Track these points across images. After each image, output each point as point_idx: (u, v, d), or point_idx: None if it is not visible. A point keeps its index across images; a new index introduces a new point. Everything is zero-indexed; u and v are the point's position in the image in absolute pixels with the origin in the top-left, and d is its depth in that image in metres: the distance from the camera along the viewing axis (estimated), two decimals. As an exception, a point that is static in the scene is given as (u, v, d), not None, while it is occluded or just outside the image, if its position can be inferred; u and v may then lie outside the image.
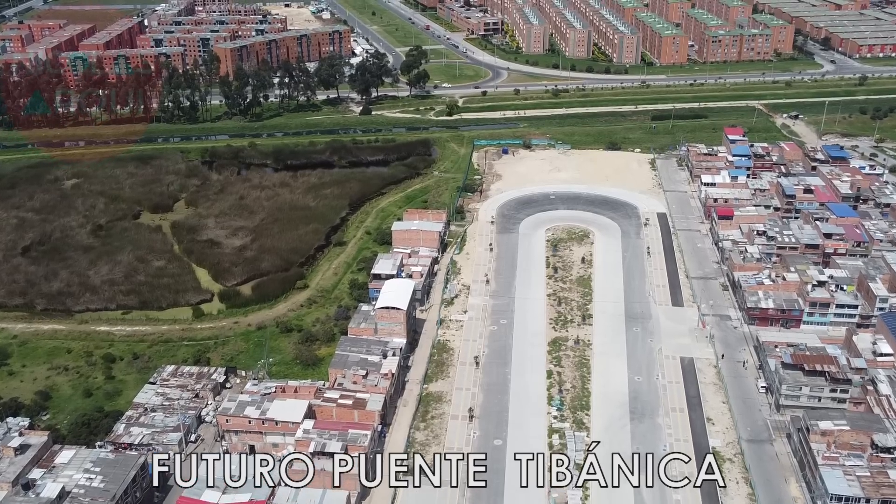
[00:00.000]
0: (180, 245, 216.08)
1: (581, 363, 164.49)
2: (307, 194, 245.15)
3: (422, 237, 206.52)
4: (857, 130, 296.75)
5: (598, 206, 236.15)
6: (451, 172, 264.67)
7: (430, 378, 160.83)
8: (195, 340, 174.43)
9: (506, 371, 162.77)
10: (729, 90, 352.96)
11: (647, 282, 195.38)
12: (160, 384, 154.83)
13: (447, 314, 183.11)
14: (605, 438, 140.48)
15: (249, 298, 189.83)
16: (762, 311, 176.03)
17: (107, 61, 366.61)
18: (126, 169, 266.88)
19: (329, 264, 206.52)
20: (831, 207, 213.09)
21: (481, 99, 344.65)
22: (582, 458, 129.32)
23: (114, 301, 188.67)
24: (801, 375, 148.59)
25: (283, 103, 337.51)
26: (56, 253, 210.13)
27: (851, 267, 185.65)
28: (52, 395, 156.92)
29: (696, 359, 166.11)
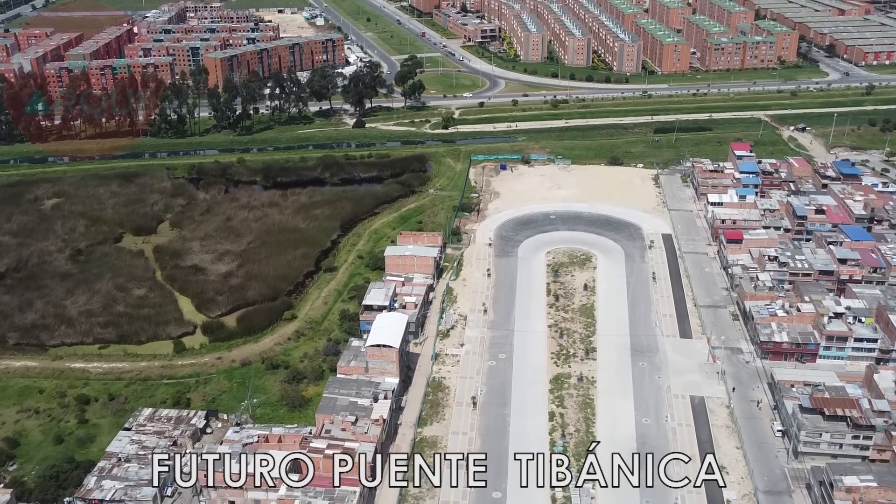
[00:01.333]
0: (163, 271, 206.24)
1: (585, 403, 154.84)
2: (297, 215, 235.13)
3: (416, 263, 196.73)
4: (867, 143, 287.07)
5: (601, 227, 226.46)
6: (447, 190, 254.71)
7: (425, 421, 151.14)
8: (175, 378, 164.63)
9: (505, 412, 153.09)
10: (733, 100, 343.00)
11: (653, 311, 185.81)
12: (136, 430, 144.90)
13: (443, 348, 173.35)
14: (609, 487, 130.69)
15: (234, 331, 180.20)
16: (776, 345, 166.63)
17: (93, 72, 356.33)
18: (109, 187, 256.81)
19: (319, 292, 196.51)
20: (845, 230, 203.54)
21: (478, 110, 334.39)
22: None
23: (91, 334, 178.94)
24: (821, 420, 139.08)
25: (275, 115, 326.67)
26: (32, 281, 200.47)
27: (869, 296, 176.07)
28: (20, 442, 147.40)
29: (707, 397, 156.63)
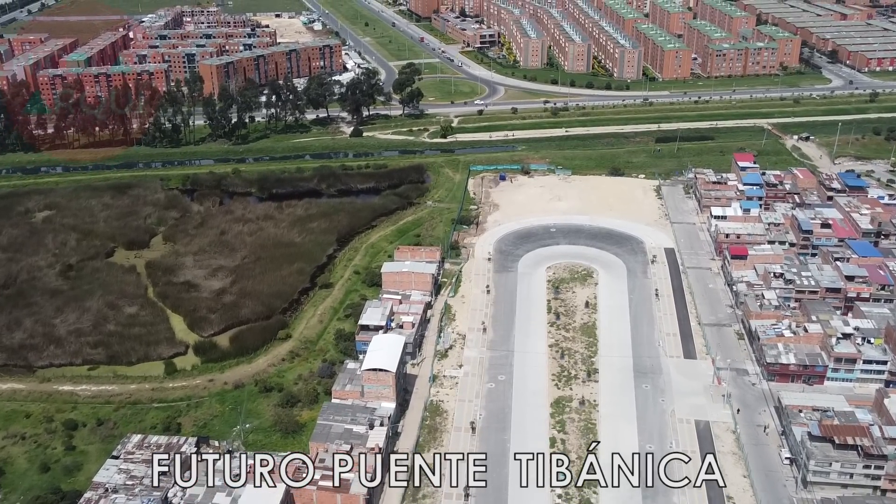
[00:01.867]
0: (155, 288, 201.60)
1: (587, 428, 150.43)
2: (293, 228, 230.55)
3: (414, 280, 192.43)
4: (872, 153, 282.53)
5: (602, 241, 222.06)
6: (446, 202, 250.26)
7: (422, 447, 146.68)
8: (166, 402, 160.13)
9: (504, 438, 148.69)
10: (735, 108, 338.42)
11: (656, 329, 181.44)
12: (124, 458, 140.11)
13: (441, 369, 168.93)
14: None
15: (227, 351, 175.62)
16: (783, 367, 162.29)
17: (87, 79, 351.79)
18: (102, 199, 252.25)
19: (314, 310, 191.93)
20: (852, 245, 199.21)
21: (477, 118, 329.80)
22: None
23: (80, 355, 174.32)
24: (831, 449, 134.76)
25: (271, 124, 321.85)
26: (21, 298, 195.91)
27: (878, 316, 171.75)
28: (5, 471, 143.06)
29: (713, 422, 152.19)
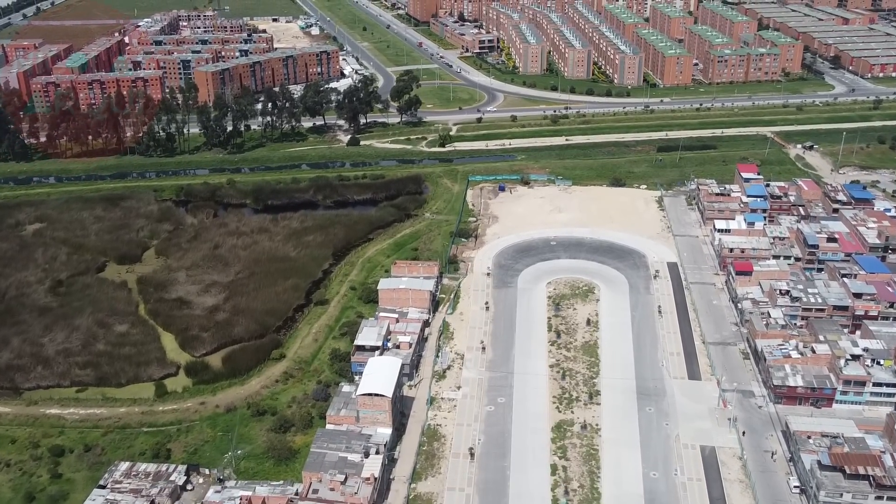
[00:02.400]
0: (146, 304, 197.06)
1: (589, 454, 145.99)
2: (288, 242, 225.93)
3: (411, 297, 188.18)
4: (877, 162, 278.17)
5: (603, 255, 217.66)
6: (444, 214, 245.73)
7: (419, 475, 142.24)
8: (155, 426, 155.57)
9: (504, 465, 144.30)
10: (738, 115, 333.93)
11: (659, 348, 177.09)
12: (111, 487, 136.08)
13: (439, 391, 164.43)
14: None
15: (219, 372, 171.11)
16: (790, 389, 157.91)
17: (80, 86, 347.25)
18: (94, 211, 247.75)
19: (309, 328, 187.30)
20: (859, 261, 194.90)
21: (476, 126, 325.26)
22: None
23: (68, 376, 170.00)
24: (842, 479, 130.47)
25: (267, 132, 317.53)
26: (9, 315, 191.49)
27: (886, 335, 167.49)
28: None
29: (719, 448, 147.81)
